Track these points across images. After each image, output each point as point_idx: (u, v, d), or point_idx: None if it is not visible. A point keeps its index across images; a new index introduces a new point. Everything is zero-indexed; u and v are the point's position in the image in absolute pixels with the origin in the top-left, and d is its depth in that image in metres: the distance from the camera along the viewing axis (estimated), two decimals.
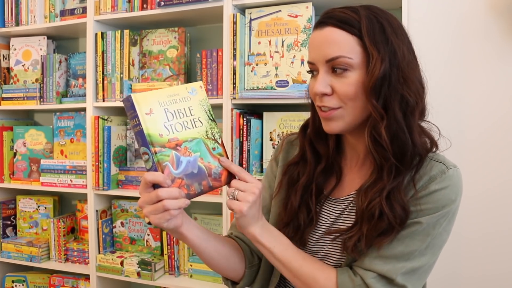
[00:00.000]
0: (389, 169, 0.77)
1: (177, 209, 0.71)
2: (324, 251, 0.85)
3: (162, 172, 0.71)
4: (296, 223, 0.87)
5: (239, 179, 0.78)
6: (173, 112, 0.75)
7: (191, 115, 0.78)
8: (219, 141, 0.80)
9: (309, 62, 0.81)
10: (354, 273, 0.78)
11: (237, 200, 0.75)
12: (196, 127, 0.77)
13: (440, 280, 1.51)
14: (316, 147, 0.89)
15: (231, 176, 0.79)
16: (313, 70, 0.81)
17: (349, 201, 0.86)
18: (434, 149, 0.81)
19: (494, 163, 1.47)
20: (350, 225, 0.81)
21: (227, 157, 0.79)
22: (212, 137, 0.79)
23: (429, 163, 0.79)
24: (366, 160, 0.86)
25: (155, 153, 0.72)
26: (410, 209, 0.76)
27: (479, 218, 1.49)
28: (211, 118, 0.80)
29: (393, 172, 0.77)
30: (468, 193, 1.46)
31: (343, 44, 0.75)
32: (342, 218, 0.85)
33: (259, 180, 0.80)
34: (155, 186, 0.71)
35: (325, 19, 0.78)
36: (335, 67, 0.76)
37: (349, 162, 0.90)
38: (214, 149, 0.78)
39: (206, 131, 0.78)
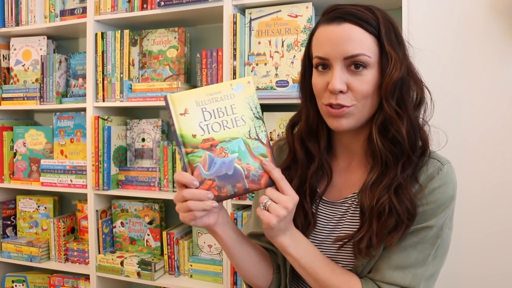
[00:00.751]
0: (395, 165, 0.78)
1: (200, 211, 0.71)
2: (328, 256, 0.84)
3: (192, 173, 0.72)
4: (294, 226, 0.86)
5: (276, 188, 0.74)
6: (211, 111, 0.73)
7: (233, 113, 0.74)
8: (264, 141, 0.75)
9: (319, 58, 0.79)
10: (379, 287, 0.78)
11: (268, 211, 0.73)
12: (237, 126, 0.74)
13: (440, 280, 1.51)
14: (308, 146, 0.87)
15: (272, 180, 0.75)
16: (323, 65, 0.79)
17: (349, 204, 0.85)
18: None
19: (494, 163, 1.47)
20: (357, 227, 0.81)
21: (273, 159, 0.75)
22: (256, 137, 0.74)
23: (424, 160, 0.80)
24: (361, 161, 0.85)
25: (187, 153, 0.72)
26: (417, 203, 0.77)
27: (479, 217, 1.49)
28: (258, 116, 0.75)
29: (399, 167, 0.78)
30: (468, 192, 1.47)
31: (363, 42, 0.75)
32: (346, 222, 0.84)
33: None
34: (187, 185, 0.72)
35: (342, 15, 0.77)
36: (356, 63, 0.76)
37: (341, 162, 0.89)
38: (256, 149, 0.74)
39: (249, 130, 0.74)
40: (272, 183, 0.74)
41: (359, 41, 0.75)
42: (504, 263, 1.47)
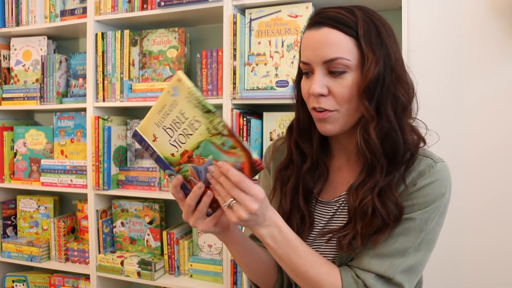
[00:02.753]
0: (381, 168, 0.77)
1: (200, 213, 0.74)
2: (317, 251, 0.85)
3: (191, 187, 0.74)
4: (290, 226, 0.86)
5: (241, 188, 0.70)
6: (171, 127, 0.72)
7: (186, 119, 0.70)
8: (225, 132, 0.69)
9: (303, 62, 0.80)
10: (357, 275, 0.78)
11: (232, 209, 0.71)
12: (196, 129, 0.70)
13: (440, 280, 1.52)
14: (301, 147, 0.88)
15: (254, 167, 0.70)
16: (307, 71, 0.80)
17: (340, 202, 0.86)
18: (422, 145, 0.82)
19: (495, 163, 1.47)
20: (343, 224, 0.82)
21: (240, 145, 0.69)
22: (216, 132, 0.69)
23: (416, 158, 0.80)
24: (356, 160, 0.86)
25: (177, 172, 0.74)
26: (403, 205, 0.77)
27: (479, 217, 1.49)
28: (206, 110, 0.69)
29: (384, 170, 0.77)
30: (468, 192, 1.47)
31: (341, 45, 0.75)
32: (335, 219, 0.86)
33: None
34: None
35: (321, 19, 0.77)
36: (333, 68, 0.76)
37: (337, 162, 0.90)
38: (224, 144, 0.70)
39: (208, 128, 0.69)
40: (256, 170, 0.71)
41: (337, 44, 0.75)
42: (505, 264, 1.47)
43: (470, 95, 1.49)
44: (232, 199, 0.70)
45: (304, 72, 0.82)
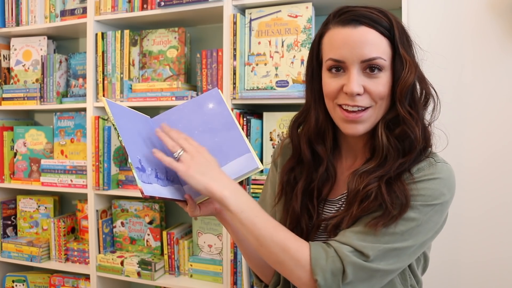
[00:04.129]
0: (394, 161, 0.79)
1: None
2: None
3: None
4: (300, 227, 0.87)
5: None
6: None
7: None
8: (123, 144, 0.75)
9: (335, 60, 0.79)
10: (328, 245, 0.77)
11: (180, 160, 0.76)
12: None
13: (440, 280, 1.52)
14: (315, 148, 0.87)
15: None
16: (337, 67, 0.79)
17: (343, 200, 0.86)
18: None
19: (495, 162, 1.47)
20: (336, 211, 0.83)
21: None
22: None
23: (422, 155, 0.82)
24: (363, 159, 0.86)
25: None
26: (410, 195, 0.77)
27: (479, 218, 1.48)
28: (115, 127, 0.77)
29: (397, 163, 0.78)
30: (468, 192, 1.47)
31: (379, 45, 0.77)
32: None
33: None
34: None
35: (357, 18, 0.77)
36: (373, 66, 0.77)
37: (345, 162, 0.90)
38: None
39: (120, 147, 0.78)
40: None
41: (376, 44, 0.77)
42: (505, 264, 1.47)
43: (470, 95, 1.49)
44: (180, 150, 0.77)
45: (331, 68, 0.80)
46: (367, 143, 0.85)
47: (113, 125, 0.76)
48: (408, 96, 0.79)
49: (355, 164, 0.88)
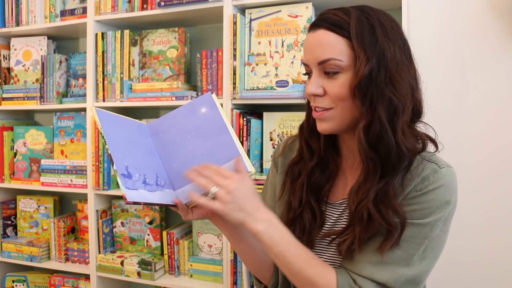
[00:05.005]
0: (375, 171, 0.77)
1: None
2: (321, 254, 0.86)
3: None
4: (301, 223, 0.87)
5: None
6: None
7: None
8: (109, 152, 0.77)
9: (304, 64, 0.83)
10: (354, 281, 0.77)
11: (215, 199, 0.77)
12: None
13: (439, 280, 1.51)
14: (310, 144, 0.90)
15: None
16: (308, 72, 0.83)
17: (345, 204, 0.86)
18: (426, 149, 0.81)
19: (495, 162, 1.47)
20: (344, 227, 0.82)
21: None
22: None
23: (421, 163, 0.79)
24: (361, 162, 0.85)
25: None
26: (404, 210, 0.75)
27: (480, 218, 1.48)
28: (103, 137, 0.78)
29: (378, 173, 0.76)
30: (468, 193, 1.47)
31: (334, 46, 0.76)
32: (340, 221, 0.86)
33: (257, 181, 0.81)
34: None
35: (318, 22, 0.79)
36: (327, 69, 0.77)
37: (345, 163, 0.91)
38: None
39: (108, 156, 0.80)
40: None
41: (330, 46, 0.76)
42: (505, 264, 1.47)
43: (470, 95, 1.49)
44: (215, 187, 0.76)
45: (306, 72, 0.84)
46: None
47: (101, 133, 0.78)
48: (369, 94, 0.74)
49: (353, 166, 0.88)
